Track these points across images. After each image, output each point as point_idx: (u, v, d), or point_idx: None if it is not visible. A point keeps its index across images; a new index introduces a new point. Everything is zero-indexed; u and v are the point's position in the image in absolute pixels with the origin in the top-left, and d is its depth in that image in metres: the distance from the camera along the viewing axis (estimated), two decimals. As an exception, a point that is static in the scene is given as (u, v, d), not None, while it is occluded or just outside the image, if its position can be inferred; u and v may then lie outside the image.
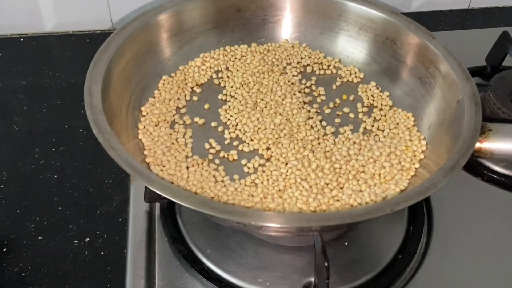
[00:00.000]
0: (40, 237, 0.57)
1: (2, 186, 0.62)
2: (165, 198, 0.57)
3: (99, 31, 0.81)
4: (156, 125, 0.58)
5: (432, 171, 0.51)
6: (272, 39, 0.67)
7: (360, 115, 0.61)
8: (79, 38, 0.80)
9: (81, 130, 0.67)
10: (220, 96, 0.62)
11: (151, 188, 0.46)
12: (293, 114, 0.60)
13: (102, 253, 0.56)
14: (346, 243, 0.55)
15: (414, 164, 0.56)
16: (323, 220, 0.46)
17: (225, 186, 0.54)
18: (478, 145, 0.51)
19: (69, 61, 0.77)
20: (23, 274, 0.54)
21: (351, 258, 0.54)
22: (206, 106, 0.61)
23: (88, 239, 0.57)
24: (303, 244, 0.54)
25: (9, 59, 0.77)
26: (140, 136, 0.56)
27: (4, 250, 0.56)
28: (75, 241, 0.57)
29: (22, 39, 0.79)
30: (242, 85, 0.63)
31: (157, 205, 0.58)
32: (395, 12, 0.63)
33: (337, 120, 0.61)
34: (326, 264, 0.46)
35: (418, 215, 0.57)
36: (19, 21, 0.78)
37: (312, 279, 0.51)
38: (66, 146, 0.66)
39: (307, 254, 0.54)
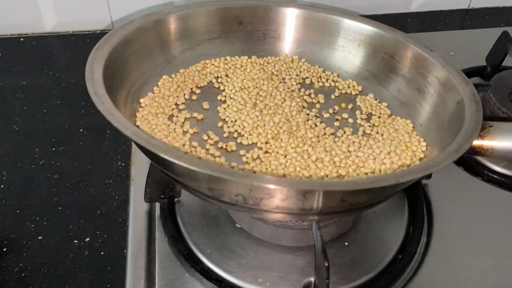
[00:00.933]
0: (40, 237, 0.57)
1: (2, 186, 0.62)
2: (165, 197, 0.57)
3: (99, 31, 0.81)
4: (154, 116, 0.58)
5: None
6: (272, 53, 0.68)
7: (359, 121, 0.61)
8: (79, 38, 0.80)
9: (81, 130, 0.67)
10: (219, 97, 0.63)
11: (150, 150, 0.44)
12: (293, 116, 0.60)
13: (102, 253, 0.56)
14: (346, 243, 0.55)
15: (414, 162, 0.55)
16: (326, 185, 0.45)
17: None
18: (479, 141, 0.51)
19: (69, 61, 0.77)
20: (23, 274, 0.54)
21: (351, 258, 0.54)
22: (205, 105, 0.61)
23: (88, 239, 0.57)
24: (303, 244, 0.54)
25: (9, 59, 0.77)
26: (137, 123, 0.56)
27: (4, 250, 0.56)
28: (75, 241, 0.57)
29: (22, 39, 0.79)
30: (242, 89, 0.63)
31: (157, 205, 0.58)
32: (392, 28, 0.64)
33: (336, 124, 0.61)
34: (326, 264, 0.46)
35: (418, 215, 0.57)
36: (19, 21, 0.79)
37: (312, 279, 0.51)
38: (66, 146, 0.66)
39: (307, 254, 0.54)
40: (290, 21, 0.67)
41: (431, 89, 0.59)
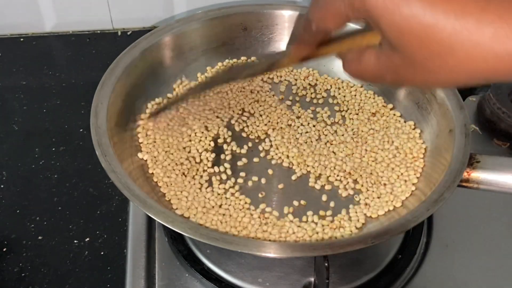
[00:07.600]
0: (40, 237, 0.57)
1: (2, 186, 0.62)
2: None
3: (99, 31, 0.81)
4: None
5: (424, 193, 0.52)
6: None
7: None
8: (79, 38, 0.80)
9: (81, 130, 0.67)
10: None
11: (146, 212, 0.47)
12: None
13: (102, 253, 0.56)
14: (346, 243, 0.55)
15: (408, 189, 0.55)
16: (305, 250, 0.46)
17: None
18: (465, 176, 0.50)
19: (69, 61, 0.77)
20: (23, 274, 0.54)
21: (351, 258, 0.54)
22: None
23: (88, 239, 0.57)
24: (303, 244, 0.54)
25: (9, 59, 0.77)
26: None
27: (4, 250, 0.56)
28: (75, 241, 0.57)
29: (22, 39, 0.79)
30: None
31: (157, 205, 0.58)
32: None
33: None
34: (326, 264, 0.46)
35: (418, 215, 0.57)
36: (19, 21, 0.78)
37: (312, 279, 0.51)
38: (66, 146, 0.66)
39: (307, 254, 0.54)
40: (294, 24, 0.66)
41: (428, 107, 0.59)
